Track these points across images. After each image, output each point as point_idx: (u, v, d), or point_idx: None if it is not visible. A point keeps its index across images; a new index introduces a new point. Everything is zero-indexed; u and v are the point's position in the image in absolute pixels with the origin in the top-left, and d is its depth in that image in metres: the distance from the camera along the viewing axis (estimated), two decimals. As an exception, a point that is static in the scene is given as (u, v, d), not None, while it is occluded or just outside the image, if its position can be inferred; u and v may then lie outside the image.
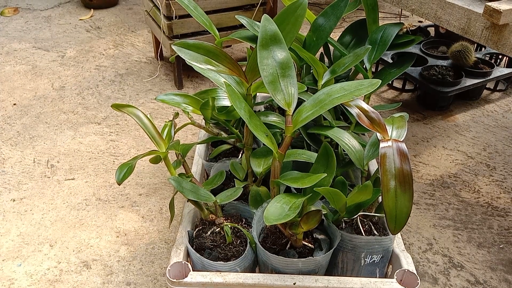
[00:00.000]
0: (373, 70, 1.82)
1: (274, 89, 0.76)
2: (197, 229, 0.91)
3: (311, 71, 1.10)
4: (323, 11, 1.03)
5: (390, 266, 0.90)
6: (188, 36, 1.72)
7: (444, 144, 1.53)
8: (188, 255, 0.86)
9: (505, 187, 1.35)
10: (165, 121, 0.91)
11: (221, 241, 0.87)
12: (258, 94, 1.20)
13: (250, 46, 1.66)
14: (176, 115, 0.96)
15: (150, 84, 1.86)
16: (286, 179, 0.78)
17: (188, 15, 1.65)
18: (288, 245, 0.85)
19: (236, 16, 1.07)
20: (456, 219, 1.25)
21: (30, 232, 1.19)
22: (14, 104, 1.72)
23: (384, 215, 0.79)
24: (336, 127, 0.93)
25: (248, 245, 0.85)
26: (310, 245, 0.85)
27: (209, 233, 0.88)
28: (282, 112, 1.07)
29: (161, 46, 1.92)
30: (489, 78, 1.65)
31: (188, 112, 0.92)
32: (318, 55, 1.05)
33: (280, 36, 0.80)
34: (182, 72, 1.80)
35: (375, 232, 0.88)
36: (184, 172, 0.90)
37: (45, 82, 1.86)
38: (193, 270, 0.81)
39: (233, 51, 2.14)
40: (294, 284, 0.79)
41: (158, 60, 1.99)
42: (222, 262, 0.82)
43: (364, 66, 1.09)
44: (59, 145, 1.51)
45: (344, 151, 0.98)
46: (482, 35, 0.94)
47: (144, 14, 2.09)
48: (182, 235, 0.88)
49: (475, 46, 1.90)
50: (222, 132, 1.01)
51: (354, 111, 0.77)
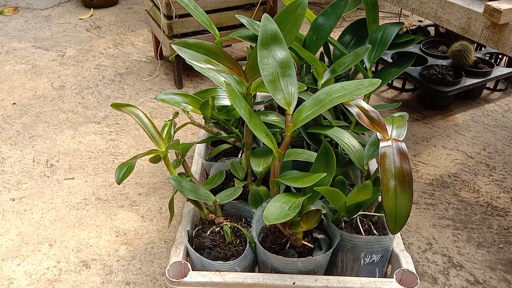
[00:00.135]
0: (373, 69, 1.82)
1: (274, 89, 0.76)
2: (196, 229, 0.91)
3: (311, 70, 1.10)
4: (323, 11, 1.03)
5: (390, 265, 0.90)
6: (188, 36, 1.72)
7: (444, 143, 1.53)
8: (187, 254, 0.86)
9: (505, 187, 1.35)
10: (165, 121, 0.91)
11: (220, 240, 0.87)
12: (258, 93, 1.20)
13: (250, 45, 1.65)
14: (176, 114, 0.96)
15: (150, 84, 1.85)
16: (286, 179, 0.78)
17: (188, 15, 1.65)
18: (288, 245, 0.85)
19: (236, 15, 1.07)
20: (455, 218, 1.25)
21: (30, 231, 1.19)
22: (14, 104, 1.72)
23: (383, 214, 0.79)
24: (336, 126, 0.93)
25: (248, 244, 0.85)
26: (309, 244, 0.85)
27: (208, 232, 0.88)
28: (282, 111, 1.07)
29: (161, 46, 1.91)
30: (489, 77, 1.65)
31: (188, 111, 0.92)
32: (318, 54, 1.05)
33: (280, 36, 0.79)
34: (182, 72, 1.80)
35: (374, 231, 0.88)
36: (184, 172, 0.90)
37: (45, 81, 1.86)
38: (192, 270, 0.81)
39: (233, 50, 2.14)
40: (293, 283, 0.79)
41: (158, 59, 1.99)
42: (222, 262, 0.82)
43: (364, 66, 1.09)
44: (58, 144, 1.51)
45: (344, 150, 0.98)
46: (482, 35, 0.94)
47: (144, 13, 2.09)
48: (182, 235, 0.88)
49: (475, 45, 1.90)
50: (222, 132, 1.01)
51: (354, 110, 0.76)
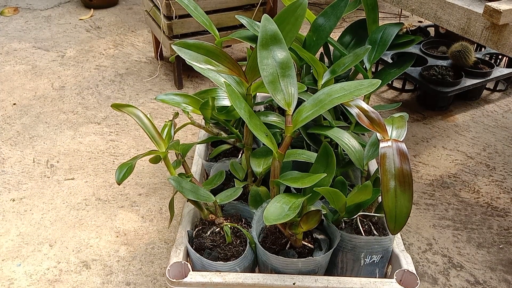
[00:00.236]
0: (373, 70, 1.82)
1: (274, 89, 0.76)
2: (196, 229, 0.91)
3: (311, 71, 1.10)
4: (323, 11, 1.03)
5: (390, 266, 0.90)
6: (188, 36, 1.72)
7: (444, 144, 1.53)
8: (187, 255, 0.86)
9: (505, 187, 1.35)
10: (165, 121, 0.91)
11: (220, 241, 0.87)
12: (258, 94, 1.20)
13: (250, 46, 1.66)
14: (176, 115, 0.96)
15: (150, 84, 1.85)
16: (286, 179, 0.78)
17: (188, 15, 1.65)
18: (288, 245, 0.85)
19: (236, 16, 1.07)
20: (455, 219, 1.25)
21: (30, 232, 1.19)
22: (14, 104, 1.72)
23: (383, 215, 0.79)
24: (336, 127, 0.93)
25: (248, 245, 0.85)
26: (309, 245, 0.85)
27: (208, 233, 0.88)
28: (282, 112, 1.07)
29: (161, 46, 1.92)
30: (489, 78, 1.65)
31: (188, 112, 0.92)
32: (318, 55, 1.05)
33: (280, 36, 0.80)
34: (182, 72, 1.80)
35: (374, 232, 0.88)
36: (184, 172, 0.90)
37: (45, 82, 1.86)
38: (192, 270, 0.81)
39: (233, 51, 2.14)
40: (293, 284, 0.79)
41: (158, 60, 1.99)
42: (222, 262, 0.82)
43: (364, 66, 1.09)
44: (58, 145, 1.51)
45: (344, 151, 0.98)
46: (482, 35, 0.94)
47: (144, 14, 2.09)
48: (182, 235, 0.88)
49: (475, 46, 1.90)
50: (222, 132, 1.01)
51: (354, 111, 0.76)
